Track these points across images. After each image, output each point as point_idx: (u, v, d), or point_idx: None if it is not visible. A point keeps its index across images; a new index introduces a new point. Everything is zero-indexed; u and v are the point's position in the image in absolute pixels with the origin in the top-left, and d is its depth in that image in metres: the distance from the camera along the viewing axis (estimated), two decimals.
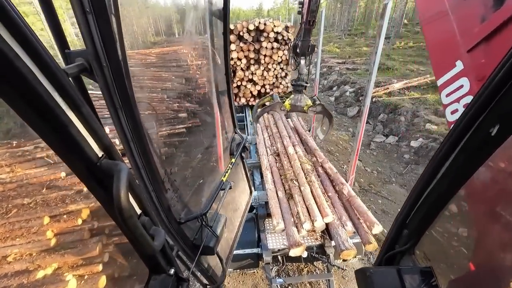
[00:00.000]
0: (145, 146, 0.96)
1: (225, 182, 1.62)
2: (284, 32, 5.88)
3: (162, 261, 1.00)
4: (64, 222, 3.22)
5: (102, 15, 0.68)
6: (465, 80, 1.19)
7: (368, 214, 2.79)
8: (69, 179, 3.45)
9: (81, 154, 0.63)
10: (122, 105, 0.82)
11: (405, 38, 21.13)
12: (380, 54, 2.88)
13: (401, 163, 6.84)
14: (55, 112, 0.55)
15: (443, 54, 1.32)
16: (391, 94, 9.85)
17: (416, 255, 1.01)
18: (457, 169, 0.76)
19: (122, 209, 0.65)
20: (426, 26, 1.41)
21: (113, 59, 0.75)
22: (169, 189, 1.23)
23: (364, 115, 3.25)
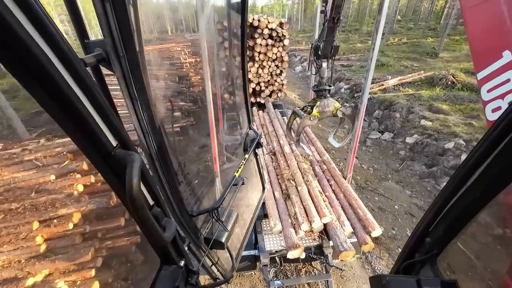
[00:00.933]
0: (160, 138, 0.97)
1: (238, 177, 1.62)
2: (279, 29, 5.79)
3: (173, 253, 1.01)
4: (54, 227, 3.10)
5: (120, 4, 0.69)
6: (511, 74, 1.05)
7: (368, 216, 2.76)
8: (59, 182, 3.33)
9: (97, 143, 0.64)
10: (138, 96, 0.83)
11: (398, 34, 21.22)
12: (377, 51, 2.82)
13: (396, 159, 6.86)
14: (73, 101, 0.56)
15: (487, 43, 1.16)
16: (386, 91, 9.87)
17: (438, 266, 0.94)
18: (493, 174, 0.69)
19: (134, 199, 0.66)
20: (468, 10, 1.23)
21: (130, 50, 0.76)
22: (182, 182, 1.25)
23: (362, 113, 3.20)
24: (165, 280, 0.98)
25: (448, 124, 7.07)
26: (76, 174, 3.39)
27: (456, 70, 10.00)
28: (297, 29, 36.65)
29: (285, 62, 6.35)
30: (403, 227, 4.59)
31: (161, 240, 0.83)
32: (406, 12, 31.44)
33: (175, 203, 1.11)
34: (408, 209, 5.02)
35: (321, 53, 2.82)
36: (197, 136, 4.03)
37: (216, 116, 2.56)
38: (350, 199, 3.04)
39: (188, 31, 7.38)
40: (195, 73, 6.90)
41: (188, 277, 1.07)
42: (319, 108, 2.92)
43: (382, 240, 4.27)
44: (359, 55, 15.85)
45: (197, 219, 1.33)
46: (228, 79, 1.97)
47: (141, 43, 0.81)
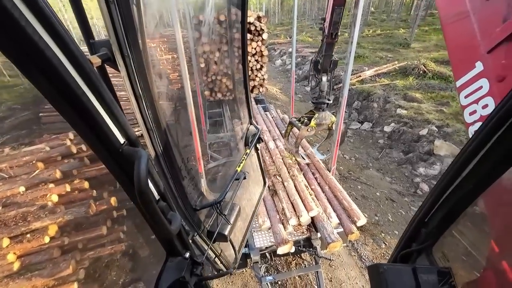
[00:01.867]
0: (164, 135, 1.02)
1: (240, 172, 1.66)
2: (257, 23, 5.71)
3: (178, 245, 1.05)
4: (28, 242, 2.89)
5: (124, 5, 0.71)
6: (484, 81, 1.18)
7: (353, 207, 2.84)
8: (30, 194, 3.09)
9: (105, 140, 0.67)
10: (142, 94, 0.86)
11: (373, 26, 21.85)
12: (355, 43, 2.85)
13: (376, 148, 7.14)
14: (82, 100, 0.58)
15: (463, 55, 1.31)
16: (364, 82, 10.17)
17: (434, 255, 0.99)
18: (486, 167, 0.73)
19: (142, 193, 0.69)
20: (446, 27, 1.39)
21: (135, 49, 0.78)
22: (186, 177, 1.30)
23: (343, 105, 3.26)
24: (171, 271, 1.02)
25: (421, 111, 7.45)
26: (48, 183, 3.17)
27: (427, 59, 10.50)
28: (275, 23, 36.52)
29: (265, 57, 6.29)
30: (385, 213, 4.82)
31: (168, 233, 0.88)
32: (379, 4, 32.41)
33: (179, 197, 1.17)
34: (389, 195, 5.27)
35: (320, 67, 2.88)
36: None
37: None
38: (335, 191, 3.11)
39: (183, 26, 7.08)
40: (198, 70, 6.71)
41: (193, 268, 1.11)
42: (317, 120, 3.00)
43: (366, 226, 4.46)
44: (336, 47, 16.12)
45: (201, 212, 1.38)
46: (228, 75, 2.02)
47: (145, 42, 0.84)
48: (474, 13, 1.22)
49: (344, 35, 16.35)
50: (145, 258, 3.18)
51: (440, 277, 0.85)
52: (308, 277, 3.50)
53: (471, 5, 1.23)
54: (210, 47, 5.65)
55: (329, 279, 3.51)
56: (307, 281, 3.47)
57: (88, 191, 3.32)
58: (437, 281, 0.84)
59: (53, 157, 3.40)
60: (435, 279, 0.85)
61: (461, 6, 1.27)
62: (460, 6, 1.28)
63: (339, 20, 2.49)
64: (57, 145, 3.46)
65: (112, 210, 3.43)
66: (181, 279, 1.00)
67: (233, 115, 5.06)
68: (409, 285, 0.84)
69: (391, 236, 4.28)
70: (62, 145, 3.47)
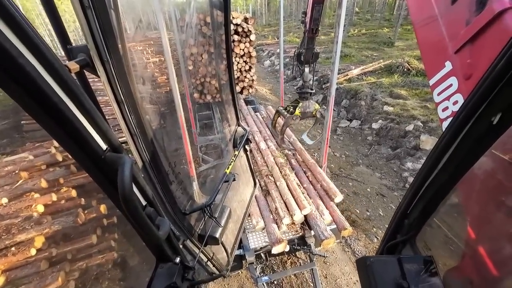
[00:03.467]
0: (149, 140, 1.00)
1: (229, 174, 1.66)
2: (244, 24, 5.73)
3: (168, 250, 1.03)
4: (13, 255, 2.77)
5: (101, 10, 0.69)
6: (453, 79, 1.26)
7: (331, 186, 2.99)
8: (13, 205, 2.97)
9: (86, 148, 0.66)
10: (124, 99, 0.84)
11: (358, 26, 22.33)
12: (340, 44, 2.91)
13: (365, 145, 7.29)
14: (59, 107, 0.56)
15: (433, 56, 1.39)
16: (351, 80, 10.37)
17: (417, 245, 1.03)
18: (458, 159, 0.77)
19: (127, 200, 0.68)
20: (418, 30, 1.48)
21: (114, 54, 0.77)
22: (174, 181, 1.29)
23: (331, 104, 3.31)
24: (162, 277, 1.01)
25: (407, 108, 7.67)
26: (33, 193, 3.05)
27: (410, 57, 10.83)
28: (262, 24, 36.70)
29: (253, 58, 6.32)
30: (376, 208, 4.92)
31: (156, 239, 0.87)
32: (363, 4, 33.16)
33: (167, 202, 1.16)
34: (379, 191, 5.39)
35: (303, 59, 3.01)
36: None
37: None
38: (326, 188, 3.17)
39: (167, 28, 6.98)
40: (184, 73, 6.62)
41: (185, 273, 1.10)
42: (301, 109, 3.13)
43: (358, 222, 4.54)
44: (323, 47, 16.38)
45: (191, 216, 1.37)
46: (213, 78, 2.03)
47: (125, 47, 0.83)
48: (441, 17, 1.31)
49: (330, 35, 16.62)
50: (138, 264, 3.12)
51: (423, 265, 0.89)
52: (303, 275, 3.53)
53: (438, 9, 1.32)
54: (197, 49, 5.61)
55: (324, 275, 3.55)
56: (302, 279, 3.49)
57: (75, 200, 3.22)
58: (420, 269, 0.88)
59: (37, 166, 3.28)
60: (418, 267, 0.88)
61: (430, 11, 1.37)
62: (428, 10, 1.38)
63: (319, 17, 2.66)
64: (41, 154, 3.33)
65: (102, 218, 3.34)
66: (172, 284, 0.99)
67: (222, 117, 5.05)
68: (394, 275, 0.87)
69: (383, 231, 4.37)
70: (47, 153, 3.35)
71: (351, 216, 4.63)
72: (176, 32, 5.43)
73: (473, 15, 1.12)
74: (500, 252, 0.84)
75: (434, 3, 1.34)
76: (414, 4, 1.55)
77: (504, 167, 0.78)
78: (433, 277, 0.85)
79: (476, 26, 1.09)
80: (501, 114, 0.63)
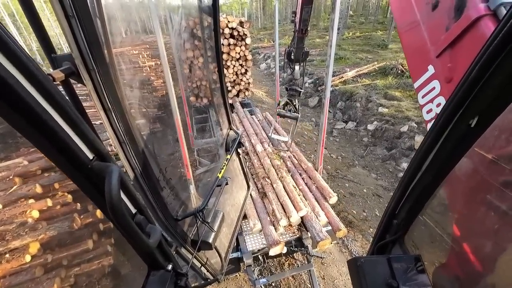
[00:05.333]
0: (138, 147, 0.99)
1: (221, 178, 1.65)
2: (240, 28, 5.77)
3: (160, 258, 1.02)
4: (7, 262, 2.73)
5: (86, 19, 0.69)
6: (436, 83, 1.31)
7: (325, 187, 3.02)
8: (7, 211, 2.93)
9: (72, 157, 0.64)
10: (112, 107, 0.83)
11: (352, 29, 22.62)
12: (334, 47, 2.97)
13: (361, 146, 7.35)
14: (43, 117, 0.55)
15: (417, 60, 1.44)
16: (346, 82, 10.48)
17: (405, 244, 1.06)
18: (440, 160, 0.80)
19: (114, 209, 0.67)
20: (402, 35, 1.54)
21: (101, 62, 0.76)
22: (165, 187, 1.27)
23: (326, 108, 3.36)
24: (154, 285, 1.00)
25: (401, 109, 7.77)
26: (28, 199, 3.02)
27: (403, 59, 10.99)
28: (258, 27, 36.95)
29: (249, 61, 6.36)
30: (372, 209, 4.96)
31: (146, 247, 0.86)
32: (357, 7, 33.62)
33: (158, 209, 1.14)
34: (375, 191, 5.43)
35: (293, 57, 3.05)
36: None
37: None
38: (321, 189, 3.19)
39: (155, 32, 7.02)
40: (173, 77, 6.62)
41: (177, 280, 1.08)
42: (290, 106, 3.16)
43: (355, 223, 4.57)
44: (319, 50, 16.55)
45: (184, 222, 1.35)
46: (204, 82, 2.05)
47: (111, 54, 0.82)
48: (423, 23, 1.36)
49: (325, 38, 16.79)
50: (131, 272, 3.08)
51: (412, 263, 0.91)
52: (301, 277, 3.54)
53: (420, 15, 1.38)
54: (193, 53, 5.64)
55: (321, 277, 3.56)
56: (300, 280, 3.50)
57: (71, 205, 3.19)
58: (409, 268, 0.90)
59: (32, 171, 3.25)
60: (407, 266, 0.91)
61: (412, 16, 1.42)
62: (411, 16, 1.43)
63: (308, 17, 2.75)
64: (36, 159, 3.31)
65: (98, 222, 3.32)
66: None
67: (218, 120, 5.05)
68: (384, 274, 0.89)
69: None
70: (42, 158, 3.33)
71: (348, 217, 4.66)
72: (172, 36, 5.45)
73: (452, 21, 1.17)
74: (484, 248, 0.87)
75: (416, 9, 1.39)
76: (398, 10, 1.61)
77: (487, 166, 0.81)
78: (421, 275, 0.88)
79: (455, 32, 1.14)
80: (478, 117, 0.66)
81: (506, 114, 0.62)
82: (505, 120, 0.66)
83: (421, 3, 1.37)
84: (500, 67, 0.57)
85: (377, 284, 0.87)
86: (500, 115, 0.63)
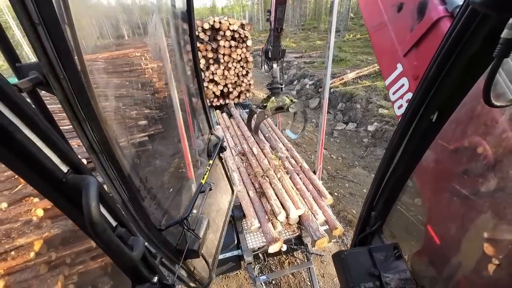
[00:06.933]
0: (115, 157, 0.94)
1: (205, 184, 1.62)
2: (241, 30, 5.86)
3: (144, 270, 0.98)
4: (12, 259, 2.80)
5: (53, 26, 0.64)
6: (405, 80, 1.39)
7: (321, 188, 3.04)
8: (13, 210, 3.00)
9: (43, 172, 0.60)
10: (85, 117, 0.79)
11: (353, 31, 22.72)
12: (332, 49, 3.03)
13: (361, 147, 7.39)
14: (8, 130, 0.52)
15: (387, 59, 1.53)
16: (346, 84, 10.54)
17: (384, 234, 1.12)
18: (408, 153, 0.87)
19: (94, 224, 0.64)
20: (372, 35, 1.63)
21: (71, 70, 0.72)
22: (146, 197, 1.23)
23: (324, 108, 3.42)
24: None
25: None
26: (32, 198, 3.09)
27: None
28: (259, 29, 37.18)
29: (250, 63, 6.44)
30: None
31: (129, 260, 0.82)
32: (358, 10, 33.78)
33: (141, 220, 1.09)
34: None
35: (271, 56, 3.13)
36: (158, 148, 3.93)
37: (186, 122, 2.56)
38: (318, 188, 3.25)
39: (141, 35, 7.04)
40: (152, 81, 6.66)
41: None
42: (274, 104, 3.23)
43: (354, 222, 4.60)
44: (319, 52, 16.65)
45: (168, 231, 1.31)
46: (182, 87, 1.99)
47: (83, 62, 0.78)
48: (390, 24, 1.44)
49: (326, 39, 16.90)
50: (118, 285, 3.07)
51: (390, 251, 0.97)
52: (301, 275, 3.57)
53: (387, 16, 1.45)
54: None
55: (321, 275, 3.59)
56: (300, 278, 3.53)
57: None
58: (388, 256, 0.96)
59: None
60: (386, 254, 0.96)
61: (380, 18, 1.49)
62: (379, 17, 1.51)
63: (282, 17, 2.81)
64: None
65: None
66: None
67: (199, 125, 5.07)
68: (366, 264, 0.94)
69: None
70: None
71: (348, 217, 4.69)
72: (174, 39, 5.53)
73: (415, 22, 1.25)
74: (450, 231, 0.93)
75: (384, 11, 1.46)
76: (367, 12, 1.69)
77: (448, 156, 0.88)
78: (399, 261, 0.94)
79: (419, 32, 1.22)
80: (438, 112, 0.73)
81: (460, 109, 0.69)
82: (460, 115, 0.73)
83: (387, 5, 1.44)
84: (454, 65, 0.63)
85: (360, 275, 0.92)
86: (455, 110, 0.70)
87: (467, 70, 0.64)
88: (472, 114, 0.74)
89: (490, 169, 0.75)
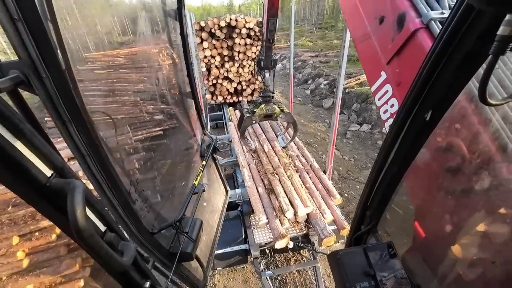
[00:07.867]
0: (103, 159, 0.89)
1: (198, 185, 1.61)
2: (256, 28, 5.88)
3: (136, 276, 0.96)
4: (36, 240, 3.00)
5: (35, 22, 0.62)
6: (388, 86, 1.49)
7: (330, 187, 3.02)
8: None
9: (25, 176, 0.57)
10: (71, 117, 0.75)
11: None
12: (347, 48, 3.00)
13: (375, 149, 7.22)
14: None
15: (371, 67, 1.63)
16: (362, 84, 10.29)
17: (378, 233, 1.13)
18: (402, 152, 0.88)
19: (80, 229, 0.60)
20: (358, 45, 1.74)
21: (55, 69, 0.68)
22: (137, 200, 1.18)
23: (337, 107, 3.39)
24: None
25: None
26: None
27: None
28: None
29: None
30: None
31: (120, 266, 0.79)
32: None
33: (131, 223, 1.05)
34: None
35: (263, 65, 3.24)
36: (149, 148, 4.02)
37: None
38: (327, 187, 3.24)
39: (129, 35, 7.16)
40: (143, 83, 6.82)
41: None
42: (262, 111, 3.32)
43: None
44: (336, 51, 16.33)
45: (161, 234, 1.27)
46: (175, 88, 1.96)
47: (68, 60, 0.74)
48: (374, 34, 1.54)
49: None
50: None
51: (385, 250, 0.97)
52: (307, 273, 3.58)
53: (370, 28, 1.56)
54: (211, 52, 5.82)
55: (328, 274, 3.58)
56: (306, 276, 3.54)
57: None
58: (383, 255, 0.96)
59: None
60: (381, 253, 0.97)
61: (364, 29, 1.60)
62: (363, 29, 1.61)
63: (274, 29, 2.89)
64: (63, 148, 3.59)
65: None
66: None
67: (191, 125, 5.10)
68: (362, 264, 0.94)
69: None
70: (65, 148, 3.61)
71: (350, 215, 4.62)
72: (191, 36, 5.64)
73: (396, 33, 1.35)
74: (443, 229, 0.93)
75: (367, 23, 1.57)
76: (352, 24, 1.81)
77: (439, 153, 0.89)
78: (394, 260, 0.94)
79: (399, 42, 1.32)
80: (432, 111, 0.73)
81: (452, 108, 0.70)
82: (454, 113, 0.74)
83: (370, 18, 1.55)
84: (447, 62, 0.63)
85: (355, 274, 0.92)
86: (449, 109, 0.71)
87: (461, 67, 0.64)
88: (451, 113, 0.76)
89: (470, 168, 0.77)
